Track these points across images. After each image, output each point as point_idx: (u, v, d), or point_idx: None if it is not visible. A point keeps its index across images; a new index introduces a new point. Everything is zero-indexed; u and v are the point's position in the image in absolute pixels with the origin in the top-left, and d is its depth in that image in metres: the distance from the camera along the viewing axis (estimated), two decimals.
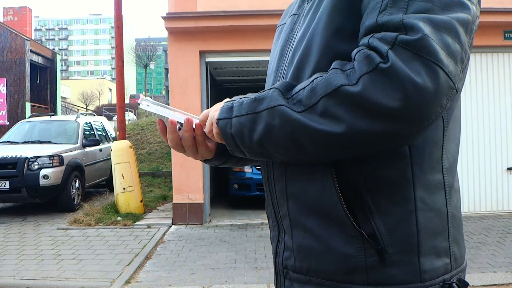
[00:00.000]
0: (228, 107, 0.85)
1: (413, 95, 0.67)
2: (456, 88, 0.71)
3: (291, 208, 0.89)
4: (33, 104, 22.35)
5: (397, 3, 0.73)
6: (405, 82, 0.67)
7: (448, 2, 0.73)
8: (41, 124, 9.47)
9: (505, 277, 4.20)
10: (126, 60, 30.06)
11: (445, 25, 0.71)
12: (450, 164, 0.85)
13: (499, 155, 7.00)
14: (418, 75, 0.67)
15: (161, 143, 15.06)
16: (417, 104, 0.68)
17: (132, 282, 4.33)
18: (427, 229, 0.80)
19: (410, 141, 0.75)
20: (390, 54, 0.69)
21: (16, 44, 21.96)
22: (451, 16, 0.72)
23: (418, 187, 0.80)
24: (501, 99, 7.03)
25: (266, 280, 4.25)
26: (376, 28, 0.73)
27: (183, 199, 6.71)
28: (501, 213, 6.87)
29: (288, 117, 0.75)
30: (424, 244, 0.80)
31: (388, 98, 0.68)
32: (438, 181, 0.82)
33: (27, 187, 7.36)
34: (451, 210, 0.84)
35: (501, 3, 6.76)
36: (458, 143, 0.90)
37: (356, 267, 0.81)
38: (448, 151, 0.85)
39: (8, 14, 31.56)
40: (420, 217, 0.80)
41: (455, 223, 0.85)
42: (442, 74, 0.68)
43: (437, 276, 0.81)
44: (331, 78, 0.73)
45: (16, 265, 4.85)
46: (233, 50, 6.89)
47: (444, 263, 0.82)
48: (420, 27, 0.69)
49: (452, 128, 0.86)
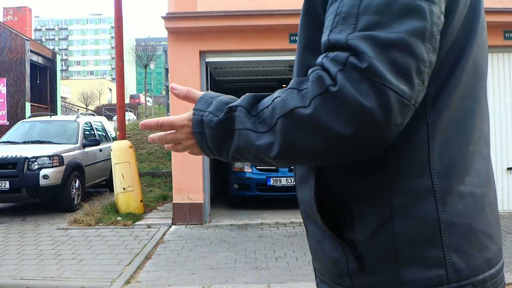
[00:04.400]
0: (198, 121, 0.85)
1: (362, 119, 0.67)
2: (413, 103, 0.69)
3: (301, 212, 0.94)
4: (33, 104, 22.35)
5: (347, 19, 0.71)
6: (353, 106, 0.67)
7: (399, 11, 0.69)
8: (41, 124, 9.47)
9: (505, 277, 4.20)
10: (126, 60, 30.05)
11: (392, 42, 0.68)
12: (448, 167, 0.80)
13: (499, 155, 7.00)
14: (367, 98, 0.66)
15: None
16: (368, 128, 0.68)
17: (132, 282, 4.33)
18: (406, 238, 0.77)
19: (371, 155, 0.74)
20: (339, 76, 0.68)
21: (16, 44, 21.95)
22: (402, 29, 0.69)
23: (397, 194, 0.78)
24: (501, 99, 7.03)
25: (266, 280, 4.26)
26: (329, 47, 0.72)
27: (183, 199, 6.71)
28: (501, 213, 6.87)
29: (251, 142, 0.77)
30: (403, 253, 0.77)
31: (339, 122, 0.68)
32: (424, 187, 0.78)
33: (27, 187, 7.36)
34: (449, 218, 0.78)
35: (501, 3, 6.76)
36: (470, 143, 0.83)
37: (342, 271, 0.83)
38: (445, 154, 0.80)
39: (8, 14, 31.54)
40: (398, 225, 0.78)
41: (457, 231, 0.78)
42: (393, 94, 0.67)
43: (418, 285, 0.77)
44: (287, 100, 0.73)
45: (16, 265, 4.85)
46: (233, 50, 6.89)
47: (437, 275, 0.77)
48: (364, 48, 0.68)
49: (452, 129, 0.81)
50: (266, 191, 7.56)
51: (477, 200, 0.82)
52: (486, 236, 0.82)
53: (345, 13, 0.72)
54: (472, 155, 0.83)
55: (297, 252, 5.11)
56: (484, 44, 0.88)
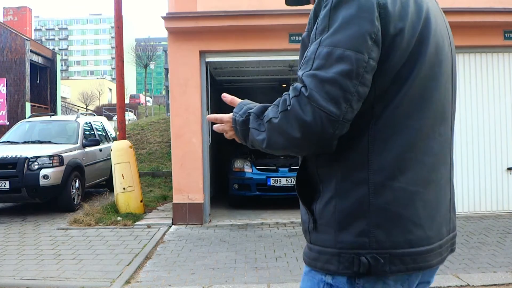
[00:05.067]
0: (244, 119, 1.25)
1: (305, 129, 1.05)
2: (341, 120, 1.03)
3: None
4: (33, 104, 22.35)
5: (308, 62, 1.08)
6: (299, 120, 1.05)
7: (336, 59, 1.04)
8: (41, 124, 9.47)
9: (505, 277, 4.20)
10: (126, 60, 30.01)
11: (327, 79, 1.03)
12: (382, 167, 1.09)
13: (499, 155, 6.99)
14: (307, 115, 1.04)
15: (161, 143, 15.06)
16: (309, 134, 1.05)
17: (132, 282, 4.33)
18: (344, 212, 1.10)
19: (321, 151, 1.11)
20: (293, 100, 1.06)
21: (16, 44, 21.95)
22: (335, 70, 1.03)
23: (343, 181, 1.11)
24: (501, 99, 7.03)
25: (266, 280, 4.25)
26: (297, 78, 1.11)
27: (183, 199, 6.71)
28: (501, 213, 6.87)
29: (255, 136, 1.18)
30: (340, 222, 1.11)
31: (292, 129, 1.07)
32: (362, 178, 1.09)
33: (27, 187, 7.36)
34: (378, 203, 1.08)
35: (501, 3, 6.77)
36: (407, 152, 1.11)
37: (306, 229, 1.22)
38: (381, 157, 1.09)
39: (8, 14, 31.56)
40: (340, 203, 1.11)
41: (384, 214, 1.08)
42: (324, 114, 1.03)
43: (351, 248, 1.09)
44: (270, 112, 1.13)
45: (16, 265, 4.85)
46: (233, 50, 6.88)
47: (361, 241, 1.08)
48: (308, 83, 1.05)
49: (391, 140, 1.10)
50: (266, 191, 7.55)
51: (407, 195, 1.10)
52: (412, 223, 1.10)
53: (308, 57, 1.09)
54: (409, 161, 1.11)
55: (297, 252, 5.10)
56: (435, 75, 1.16)
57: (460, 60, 7.00)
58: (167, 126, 15.78)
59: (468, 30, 6.74)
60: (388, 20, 1.07)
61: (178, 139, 6.78)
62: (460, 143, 6.94)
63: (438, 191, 1.18)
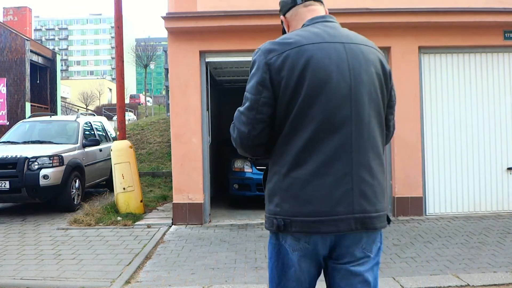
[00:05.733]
0: None
1: (235, 141, 1.75)
2: (250, 136, 1.68)
3: None
4: (33, 104, 22.36)
5: (244, 99, 1.71)
6: (231, 135, 1.78)
7: (245, 98, 1.69)
8: (41, 124, 9.47)
9: (505, 277, 4.20)
10: (126, 60, 30.02)
11: (240, 112, 1.70)
12: (282, 163, 1.65)
13: (499, 155, 6.99)
14: (234, 133, 1.75)
15: (161, 143, 15.07)
16: (237, 144, 1.74)
17: (132, 282, 4.33)
18: (270, 191, 1.70)
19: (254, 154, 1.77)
20: (232, 124, 1.77)
21: (16, 44, 21.95)
22: (244, 106, 1.69)
23: (269, 172, 1.73)
24: (501, 99, 7.02)
25: (266, 280, 4.25)
26: None
27: (183, 199, 6.71)
28: (501, 213, 6.87)
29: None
30: (268, 197, 1.71)
31: (232, 140, 1.76)
32: (276, 170, 1.68)
33: (27, 187, 7.36)
34: (283, 186, 1.64)
35: (501, 3, 6.76)
36: (298, 152, 1.63)
37: (265, 201, 1.76)
38: (282, 157, 1.66)
39: (8, 14, 31.53)
40: (269, 185, 1.71)
41: (287, 193, 1.63)
42: (239, 131, 1.70)
43: (271, 214, 1.68)
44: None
45: (16, 265, 4.85)
46: (233, 50, 6.88)
47: (275, 210, 1.66)
48: (234, 114, 1.73)
49: (285, 146, 1.66)
50: None
51: (301, 182, 1.61)
52: (305, 200, 1.60)
53: (245, 95, 1.71)
54: (303, 159, 1.61)
55: None
56: (316, 103, 1.61)
57: (460, 60, 7.00)
58: (167, 126, 15.79)
59: (468, 30, 6.74)
60: (273, 72, 1.63)
61: (178, 139, 6.78)
62: (460, 143, 6.94)
63: (332, 180, 1.59)
